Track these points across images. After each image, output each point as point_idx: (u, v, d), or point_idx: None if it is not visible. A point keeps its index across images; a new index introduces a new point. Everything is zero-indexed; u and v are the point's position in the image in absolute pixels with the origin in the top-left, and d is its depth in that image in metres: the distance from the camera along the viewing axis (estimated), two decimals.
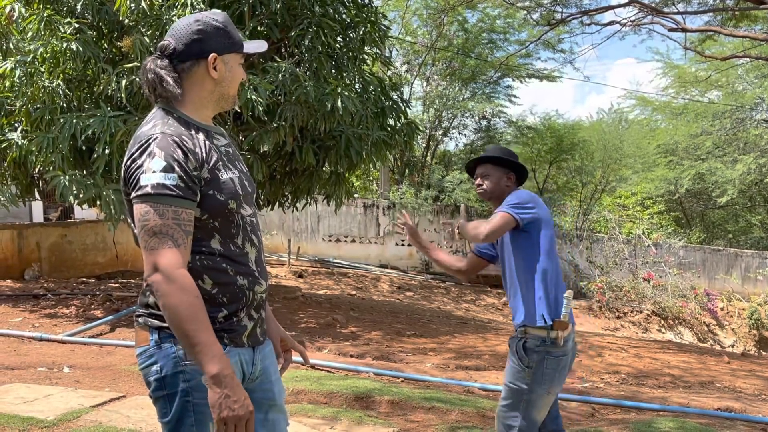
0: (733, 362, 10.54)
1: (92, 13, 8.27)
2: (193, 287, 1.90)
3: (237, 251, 2.08)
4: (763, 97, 21.56)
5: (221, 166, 2.06)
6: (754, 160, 21.09)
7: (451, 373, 7.30)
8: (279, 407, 2.28)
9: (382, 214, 18.62)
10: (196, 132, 2.06)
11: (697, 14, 14.00)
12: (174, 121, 2.05)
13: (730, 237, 27.30)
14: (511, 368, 3.25)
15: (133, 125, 7.61)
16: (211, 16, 2.12)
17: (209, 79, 2.11)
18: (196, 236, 2.01)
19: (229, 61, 2.12)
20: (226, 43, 2.10)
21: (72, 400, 5.04)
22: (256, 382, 2.20)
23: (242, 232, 2.10)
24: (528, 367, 3.17)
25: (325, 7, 9.02)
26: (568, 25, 15.18)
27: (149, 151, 1.95)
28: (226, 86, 2.14)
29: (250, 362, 2.15)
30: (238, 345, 2.08)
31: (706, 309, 16.90)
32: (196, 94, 2.12)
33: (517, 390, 3.20)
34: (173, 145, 1.95)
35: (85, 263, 13.32)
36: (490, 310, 15.66)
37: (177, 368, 1.99)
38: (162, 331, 2.02)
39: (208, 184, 2.01)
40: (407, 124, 10.13)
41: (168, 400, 2.01)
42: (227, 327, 2.06)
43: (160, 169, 1.91)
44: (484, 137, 23.05)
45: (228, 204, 2.04)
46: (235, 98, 2.22)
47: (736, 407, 6.60)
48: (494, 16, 21.14)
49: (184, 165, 1.94)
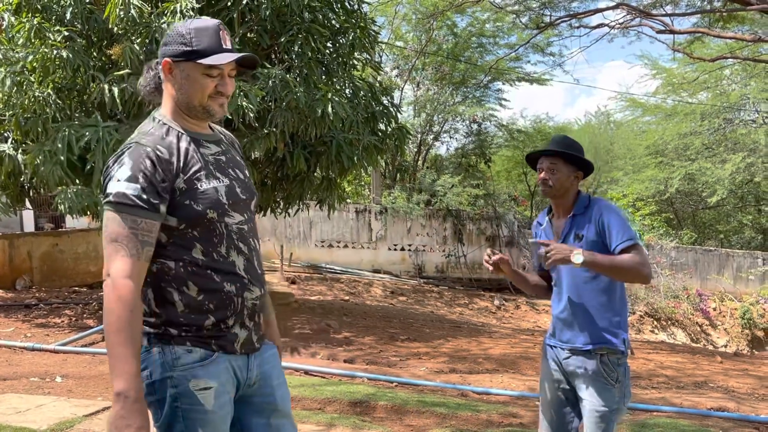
0: (725, 362, 10.58)
1: (81, 21, 8.25)
2: (132, 299, 1.87)
3: (221, 260, 2.06)
4: (749, 97, 21.69)
5: (203, 175, 2.05)
6: (742, 160, 21.22)
7: (445, 377, 7.31)
8: (282, 412, 2.25)
9: (375, 219, 18.62)
10: (178, 140, 2.06)
11: (684, 16, 14.08)
12: (157, 129, 2.07)
13: (721, 237, 27.44)
14: (596, 391, 2.98)
15: (126, 134, 7.59)
16: (187, 22, 2.11)
17: (169, 84, 2.11)
18: (177, 245, 2.01)
19: (186, 69, 2.07)
20: (181, 50, 2.06)
21: (65, 410, 5.02)
22: (254, 387, 2.18)
23: (226, 240, 2.08)
24: (617, 382, 2.98)
25: (315, 13, 9.02)
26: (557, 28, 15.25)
27: (120, 160, 1.97)
28: (185, 95, 2.09)
29: (244, 368, 2.13)
30: (228, 352, 2.07)
31: (699, 309, 16.97)
32: (168, 98, 2.13)
33: (609, 412, 2.96)
34: (143, 155, 1.96)
35: (76, 272, 13.26)
36: (483, 314, 15.68)
37: (165, 374, 1.98)
38: (151, 337, 2.02)
39: (183, 194, 2.00)
40: (398, 128, 10.14)
41: (158, 406, 2.00)
42: (215, 334, 2.05)
43: (125, 179, 1.93)
44: (475, 141, 23.11)
45: (206, 214, 2.02)
46: (208, 110, 2.12)
47: (729, 407, 6.64)
48: (483, 20, 21.20)
49: (150, 177, 1.94)
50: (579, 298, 3.07)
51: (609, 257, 2.91)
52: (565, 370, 3.10)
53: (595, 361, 2.99)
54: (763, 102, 20.36)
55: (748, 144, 21.65)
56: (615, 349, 2.99)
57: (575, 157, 3.18)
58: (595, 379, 2.99)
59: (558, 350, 3.13)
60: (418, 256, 18.97)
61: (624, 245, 2.91)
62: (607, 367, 2.98)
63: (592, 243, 3.00)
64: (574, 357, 3.06)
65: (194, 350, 2.01)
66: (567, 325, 3.10)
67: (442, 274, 19.15)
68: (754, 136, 20.76)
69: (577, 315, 3.07)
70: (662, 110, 25.51)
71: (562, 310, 3.12)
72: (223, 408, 2.04)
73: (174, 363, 1.98)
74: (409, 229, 18.93)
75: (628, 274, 2.92)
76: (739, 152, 21.72)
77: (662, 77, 24.45)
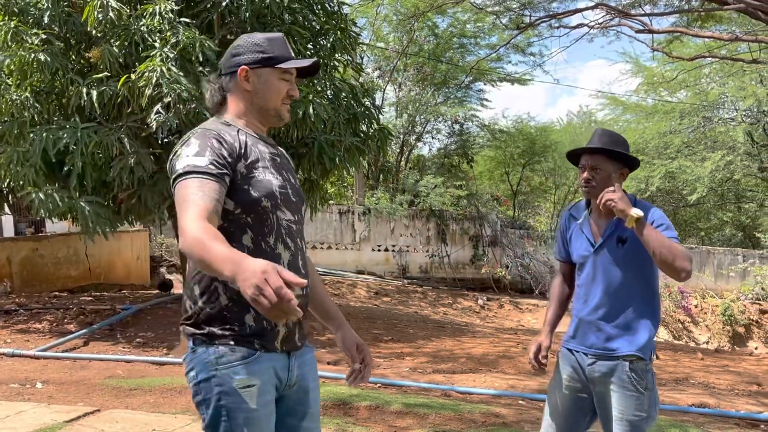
0: (706, 358, 10.68)
1: (59, 24, 8.19)
2: (211, 229, 1.86)
3: (268, 250, 2.12)
4: (727, 95, 21.91)
5: (261, 166, 2.16)
6: (722, 158, 21.41)
7: (428, 377, 7.32)
8: (314, 416, 2.30)
9: (358, 220, 18.62)
10: (238, 134, 2.18)
11: (663, 15, 14.19)
12: (220, 124, 2.20)
13: (702, 235, 27.68)
14: (626, 399, 2.85)
15: (105, 136, 7.55)
16: (254, 35, 2.27)
17: (244, 91, 2.23)
18: (228, 230, 2.06)
19: (264, 74, 2.22)
20: (258, 57, 2.21)
21: (45, 416, 4.98)
22: (293, 388, 2.22)
23: (276, 233, 2.15)
24: (647, 390, 2.86)
25: (295, 14, 9.01)
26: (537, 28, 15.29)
27: (187, 142, 2.09)
28: (262, 98, 2.24)
29: (285, 368, 2.17)
30: (269, 350, 2.11)
31: (681, 306, 17.10)
32: (237, 104, 2.26)
33: (639, 420, 2.84)
34: (209, 136, 2.09)
35: (57, 277, 13.15)
36: (467, 314, 15.72)
37: (209, 373, 2.03)
38: (196, 338, 2.09)
39: (243, 178, 2.10)
40: (380, 129, 10.15)
41: (205, 406, 2.05)
42: (258, 331, 2.09)
43: (193, 154, 2.03)
44: (457, 141, 23.18)
45: (261, 201, 2.11)
46: (279, 113, 2.28)
47: (710, 403, 6.70)
48: (464, 21, 21.26)
49: (217, 151, 2.05)
50: (614, 304, 2.93)
51: (661, 234, 2.75)
52: (587, 377, 2.96)
53: (625, 368, 2.86)
54: (741, 100, 20.56)
55: (727, 142, 21.86)
56: (645, 356, 2.89)
57: (620, 153, 2.97)
58: (624, 387, 2.86)
59: (581, 355, 2.99)
60: (401, 256, 18.98)
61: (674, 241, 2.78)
62: (637, 374, 2.86)
63: (638, 245, 2.84)
64: (600, 363, 2.93)
65: (237, 349, 2.06)
66: (594, 329, 2.95)
67: (426, 274, 19.18)
68: (733, 134, 20.96)
69: (609, 318, 2.93)
70: (642, 109, 25.71)
71: (591, 312, 2.97)
72: (266, 407, 2.08)
73: (217, 362, 2.03)
74: (393, 229, 18.94)
75: (674, 257, 2.72)
76: (718, 150, 21.92)
77: (642, 75, 24.63)
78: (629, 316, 2.91)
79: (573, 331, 3.05)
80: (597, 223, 3.02)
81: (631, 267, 2.92)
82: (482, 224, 19.80)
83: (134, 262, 14.22)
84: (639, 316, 2.92)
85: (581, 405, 3.02)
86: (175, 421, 5.02)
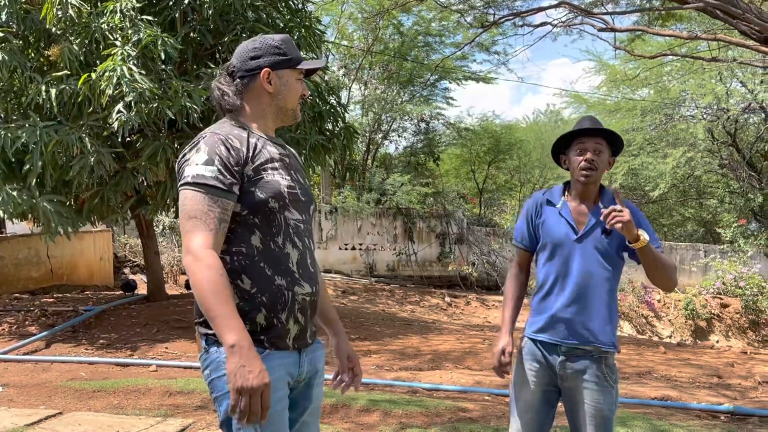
0: (668, 352, 10.84)
1: (17, 22, 8.06)
2: (219, 266, 2.01)
3: (276, 250, 2.18)
4: (688, 93, 22.23)
5: (269, 167, 2.20)
6: (683, 154, 21.71)
7: (394, 374, 7.34)
8: (315, 411, 2.36)
9: (325, 219, 18.57)
10: (248, 136, 2.22)
11: (625, 14, 14.34)
12: (231, 125, 2.24)
13: (665, 231, 28.06)
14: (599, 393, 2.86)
15: (65, 135, 7.43)
16: (269, 37, 2.34)
17: (265, 92, 2.29)
18: (236, 231, 2.14)
19: (284, 76, 2.30)
20: (279, 59, 2.29)
21: (5, 420, 4.90)
22: (301, 384, 2.27)
23: (284, 232, 2.20)
24: (615, 383, 2.90)
25: (259, 12, 8.97)
26: (501, 27, 15.40)
27: (196, 147, 2.14)
28: (282, 99, 2.31)
29: (295, 365, 2.22)
30: (281, 348, 2.15)
31: (644, 302, 17.33)
32: (255, 106, 2.30)
33: (611, 413, 2.86)
34: (218, 142, 2.13)
35: (18, 278, 12.91)
36: (434, 311, 15.77)
37: (220, 371, 2.06)
38: (208, 337, 2.14)
39: (250, 181, 2.15)
40: (346, 128, 10.16)
41: (218, 403, 2.12)
42: (268, 330, 2.14)
43: (202, 162, 2.09)
44: (423, 140, 23.24)
45: (269, 202, 2.16)
46: (296, 113, 2.38)
47: (672, 395, 6.81)
48: (429, 19, 21.29)
49: (225, 160, 2.10)
50: (590, 297, 2.90)
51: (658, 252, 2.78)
52: (558, 372, 2.93)
53: (599, 362, 2.88)
54: (701, 97, 20.87)
55: (688, 139, 22.17)
56: (614, 351, 2.92)
57: (617, 139, 2.97)
58: (596, 381, 2.86)
59: (551, 348, 2.95)
60: (369, 255, 18.98)
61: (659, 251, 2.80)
62: (609, 369, 2.89)
63: (620, 239, 2.84)
64: (574, 358, 2.91)
65: None
66: (568, 324, 2.91)
67: (394, 272, 19.20)
68: (693, 131, 21.26)
69: (584, 314, 2.90)
70: (605, 107, 25.98)
71: (565, 308, 2.92)
72: (279, 403, 2.11)
73: None
74: (360, 228, 18.92)
75: (667, 274, 2.79)
76: (679, 147, 22.22)
77: (605, 73, 24.91)
78: (603, 311, 2.91)
79: (541, 325, 2.98)
80: (577, 209, 2.97)
81: (610, 258, 2.91)
82: (449, 222, 19.87)
83: (97, 262, 14.03)
84: (611, 309, 2.94)
85: (549, 398, 2.99)
86: (139, 422, 4.97)
